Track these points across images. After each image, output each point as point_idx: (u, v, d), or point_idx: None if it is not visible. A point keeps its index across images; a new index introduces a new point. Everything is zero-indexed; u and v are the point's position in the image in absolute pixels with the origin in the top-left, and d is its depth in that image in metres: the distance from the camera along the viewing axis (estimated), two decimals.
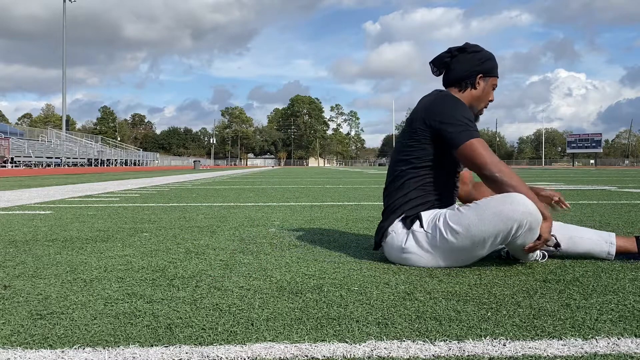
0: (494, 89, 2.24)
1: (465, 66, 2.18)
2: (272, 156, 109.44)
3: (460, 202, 2.30)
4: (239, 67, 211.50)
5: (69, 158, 36.63)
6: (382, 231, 2.13)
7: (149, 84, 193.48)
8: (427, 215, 2.03)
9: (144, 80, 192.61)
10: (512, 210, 1.84)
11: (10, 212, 4.35)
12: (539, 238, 1.91)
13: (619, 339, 1.21)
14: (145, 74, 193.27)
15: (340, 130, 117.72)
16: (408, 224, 2.06)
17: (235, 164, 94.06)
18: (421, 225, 2.01)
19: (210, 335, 1.23)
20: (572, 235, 2.14)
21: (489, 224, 1.87)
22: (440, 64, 2.23)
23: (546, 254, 2.14)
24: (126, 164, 46.43)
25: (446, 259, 1.97)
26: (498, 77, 2.24)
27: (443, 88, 2.25)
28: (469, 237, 1.90)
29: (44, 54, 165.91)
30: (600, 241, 2.13)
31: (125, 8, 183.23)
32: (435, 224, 1.98)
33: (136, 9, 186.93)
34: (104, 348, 1.16)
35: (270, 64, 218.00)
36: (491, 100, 2.24)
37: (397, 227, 2.07)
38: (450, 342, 1.19)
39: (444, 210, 2.03)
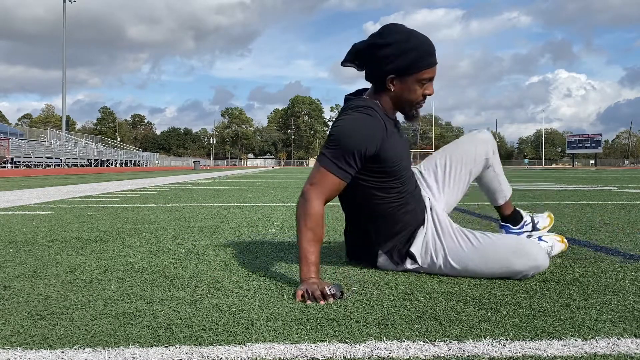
0: (427, 82, 1.81)
1: (372, 66, 1.82)
2: (272, 156, 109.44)
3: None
4: (240, 68, 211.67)
5: (69, 158, 36.63)
6: (369, 264, 1.99)
7: (150, 84, 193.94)
8: (418, 250, 1.88)
9: (146, 81, 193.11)
10: (522, 264, 1.76)
11: (10, 213, 4.35)
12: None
13: (618, 339, 1.21)
14: (147, 75, 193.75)
15: None
16: (396, 258, 1.91)
17: (235, 165, 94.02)
18: (414, 262, 1.89)
19: (210, 336, 1.23)
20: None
21: (493, 270, 1.79)
22: (356, 62, 1.87)
23: None
24: (126, 165, 46.42)
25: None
26: (431, 66, 1.79)
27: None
28: (470, 274, 1.83)
29: (46, 55, 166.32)
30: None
31: (129, 10, 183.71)
32: (432, 259, 1.86)
33: (140, 11, 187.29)
34: (104, 348, 1.16)
35: (271, 64, 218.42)
36: (429, 94, 1.84)
37: (384, 263, 1.94)
38: (450, 342, 1.19)
39: (439, 236, 1.87)
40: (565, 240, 2.29)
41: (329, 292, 1.53)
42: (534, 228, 2.34)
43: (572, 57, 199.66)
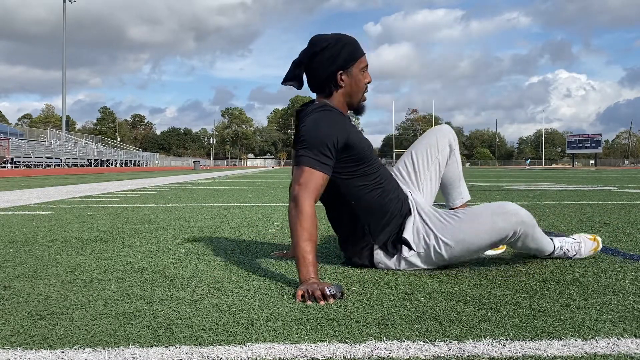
0: (365, 70, 2.00)
1: (319, 72, 1.95)
2: (272, 156, 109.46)
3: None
4: (240, 68, 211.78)
5: (69, 158, 36.64)
6: (366, 262, 2.01)
7: (151, 84, 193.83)
8: (410, 236, 1.94)
9: (146, 82, 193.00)
10: (505, 221, 1.85)
11: (10, 213, 4.35)
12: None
13: (618, 339, 1.21)
14: (148, 75, 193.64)
15: None
16: (391, 250, 1.96)
17: (235, 165, 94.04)
18: (410, 249, 1.94)
19: (210, 336, 1.23)
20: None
21: (485, 236, 1.86)
22: (297, 79, 1.99)
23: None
24: (126, 165, 46.42)
25: (441, 264, 1.97)
26: (363, 55, 2.00)
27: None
28: (465, 249, 1.89)
29: (47, 55, 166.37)
30: None
31: (130, 11, 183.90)
32: (425, 242, 1.92)
33: (141, 12, 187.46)
34: (104, 348, 1.16)
35: (271, 64, 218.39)
36: (369, 82, 2.02)
37: (381, 258, 1.98)
38: (450, 342, 1.19)
39: (425, 220, 1.94)
40: (598, 238, 2.24)
41: (329, 293, 1.53)
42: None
43: (572, 57, 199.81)
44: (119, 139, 78.49)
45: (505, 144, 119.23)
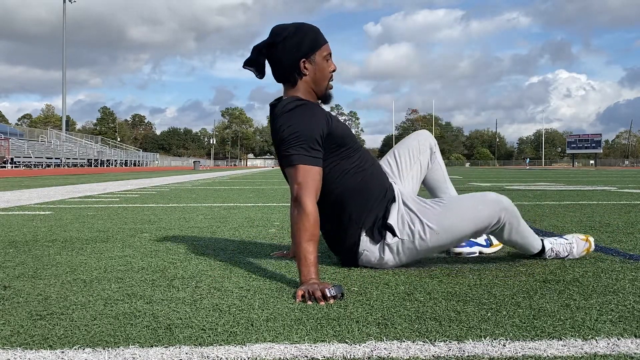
0: (329, 58, 1.99)
1: (283, 61, 1.95)
2: (272, 157, 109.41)
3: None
4: (240, 69, 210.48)
5: (69, 158, 36.63)
6: (351, 253, 2.01)
7: (151, 85, 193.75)
8: (395, 222, 1.94)
9: (147, 82, 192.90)
10: (489, 208, 1.93)
11: (10, 213, 4.35)
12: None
13: (618, 339, 1.21)
14: (148, 75, 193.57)
15: None
16: (377, 236, 1.95)
17: (235, 165, 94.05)
18: (394, 235, 1.93)
19: (210, 336, 1.23)
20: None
21: (469, 223, 1.92)
22: (257, 65, 1.99)
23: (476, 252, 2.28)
24: (126, 165, 46.42)
25: (423, 255, 2.00)
26: (326, 43, 1.99)
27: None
28: (449, 237, 1.93)
29: (47, 55, 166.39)
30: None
31: (131, 12, 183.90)
32: (410, 229, 1.92)
33: (142, 12, 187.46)
34: (104, 348, 1.16)
35: None
36: (333, 70, 2.01)
37: (367, 245, 1.97)
38: (450, 342, 1.19)
39: (409, 207, 1.96)
40: (590, 240, 2.23)
41: (329, 294, 1.53)
42: (488, 244, 2.32)
43: (572, 57, 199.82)
44: (119, 139, 78.50)
45: (505, 144, 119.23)
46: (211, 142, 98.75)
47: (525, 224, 2.05)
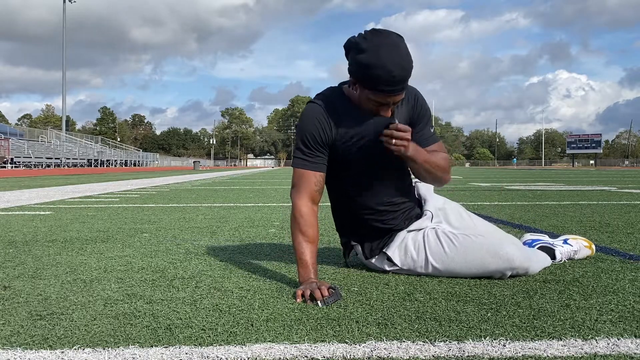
0: (378, 104, 1.72)
1: (348, 59, 1.74)
2: (272, 157, 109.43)
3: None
4: (241, 69, 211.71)
5: (69, 159, 36.63)
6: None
7: (152, 85, 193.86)
8: (395, 251, 1.89)
9: (147, 82, 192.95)
10: (496, 264, 1.78)
11: (10, 213, 4.35)
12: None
13: (618, 339, 1.21)
14: (149, 76, 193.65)
15: None
16: (379, 261, 1.93)
17: (235, 165, 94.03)
18: (393, 265, 1.90)
19: (210, 336, 1.23)
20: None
21: (473, 270, 1.81)
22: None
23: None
24: (126, 165, 46.41)
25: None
26: (384, 95, 1.67)
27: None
28: (450, 274, 1.85)
29: (49, 56, 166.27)
30: None
31: (133, 13, 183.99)
32: (412, 259, 1.87)
33: (143, 13, 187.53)
34: (104, 348, 1.16)
35: (272, 65, 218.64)
36: (378, 115, 1.75)
37: (370, 264, 1.98)
38: (450, 342, 1.19)
39: (421, 238, 1.87)
40: (592, 246, 2.23)
41: (327, 294, 1.53)
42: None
43: (571, 58, 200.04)
44: (118, 139, 78.47)
45: (505, 144, 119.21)
46: (211, 142, 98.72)
47: (536, 265, 1.88)
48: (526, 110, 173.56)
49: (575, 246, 2.18)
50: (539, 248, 2.11)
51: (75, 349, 1.15)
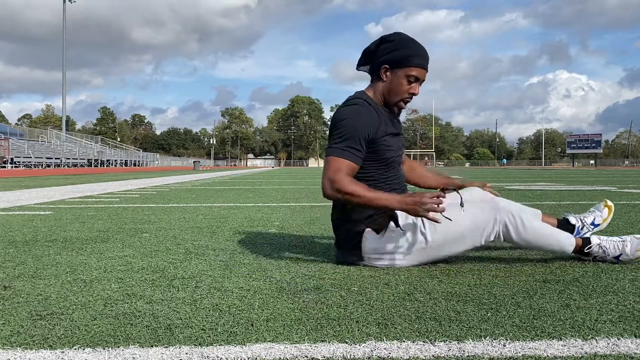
0: (413, 81, 2.01)
1: (375, 57, 2.06)
2: (272, 157, 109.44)
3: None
4: (242, 69, 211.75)
5: (69, 158, 36.62)
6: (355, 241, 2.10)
7: (152, 85, 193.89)
8: (400, 216, 2.01)
9: (148, 82, 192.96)
10: (483, 210, 1.98)
11: (10, 213, 4.35)
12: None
13: (618, 339, 1.21)
14: (150, 76, 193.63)
15: None
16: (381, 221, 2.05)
17: (235, 165, 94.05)
18: (397, 226, 2.00)
19: (210, 336, 1.23)
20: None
21: (469, 229, 1.96)
22: (364, 55, 2.11)
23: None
24: (126, 165, 46.41)
25: (421, 259, 2.03)
26: (419, 67, 2.00)
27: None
28: (447, 236, 1.97)
29: (50, 56, 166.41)
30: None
31: (134, 13, 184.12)
32: (412, 221, 1.98)
33: (145, 14, 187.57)
34: (104, 348, 1.16)
35: (273, 65, 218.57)
36: (412, 94, 2.04)
37: (370, 235, 2.05)
38: (450, 342, 1.19)
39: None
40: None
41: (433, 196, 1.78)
42: (594, 225, 2.35)
43: (571, 58, 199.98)
44: (118, 139, 78.49)
45: (505, 144, 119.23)
46: (211, 142, 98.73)
47: (540, 223, 2.04)
48: (526, 110, 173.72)
49: (624, 238, 2.14)
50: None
51: (75, 349, 1.15)
